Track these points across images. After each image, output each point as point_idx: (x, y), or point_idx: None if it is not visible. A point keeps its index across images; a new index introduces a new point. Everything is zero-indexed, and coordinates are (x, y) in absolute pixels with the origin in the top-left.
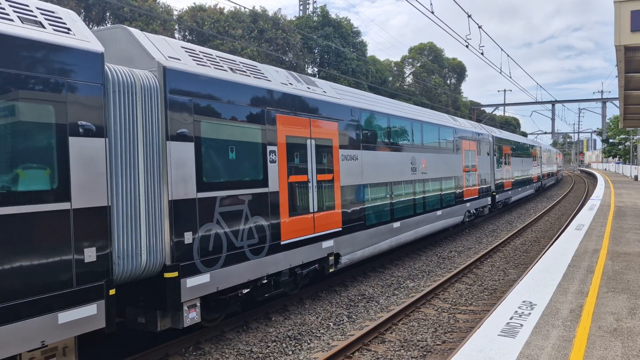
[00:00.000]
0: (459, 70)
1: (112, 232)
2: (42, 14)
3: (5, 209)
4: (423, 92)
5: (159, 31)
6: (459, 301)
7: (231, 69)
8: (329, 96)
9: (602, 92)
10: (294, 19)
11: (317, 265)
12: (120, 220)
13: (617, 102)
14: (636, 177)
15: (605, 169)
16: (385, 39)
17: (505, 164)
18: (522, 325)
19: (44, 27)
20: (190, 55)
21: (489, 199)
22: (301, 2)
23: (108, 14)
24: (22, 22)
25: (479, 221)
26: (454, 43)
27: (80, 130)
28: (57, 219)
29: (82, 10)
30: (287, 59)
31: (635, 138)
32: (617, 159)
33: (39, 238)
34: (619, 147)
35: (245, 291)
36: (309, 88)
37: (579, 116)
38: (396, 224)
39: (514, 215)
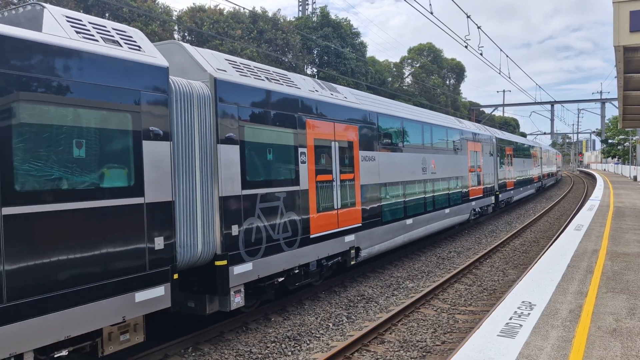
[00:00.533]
0: (458, 71)
1: (175, 224)
2: (117, 34)
3: (93, 203)
4: (422, 92)
5: (158, 32)
6: (458, 302)
7: (267, 79)
8: (350, 101)
9: (601, 92)
10: (293, 20)
11: (340, 257)
12: (181, 214)
13: (616, 103)
14: (635, 178)
15: (605, 170)
16: (385, 39)
17: (508, 164)
18: (521, 325)
19: (120, 45)
20: (233, 67)
21: (493, 198)
22: (300, 3)
23: (107, 15)
24: (105, 42)
25: (479, 221)
26: (453, 43)
27: (151, 134)
28: (134, 212)
29: (81, 10)
30: (286, 60)
31: (634, 138)
32: (616, 159)
33: (120, 227)
34: (618, 147)
35: (280, 279)
36: (332, 94)
37: (578, 117)
38: (409, 221)
39: (513, 215)
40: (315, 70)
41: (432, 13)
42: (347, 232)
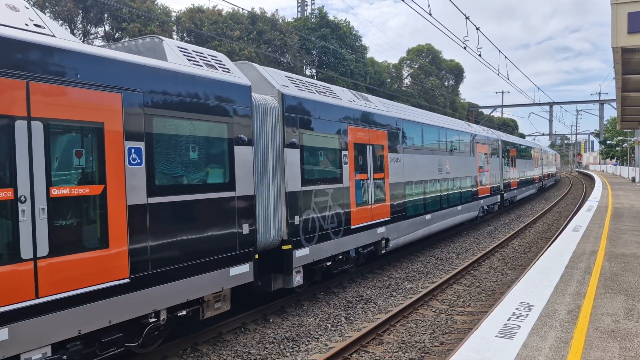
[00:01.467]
0: (457, 72)
1: (256, 213)
2: (212, 59)
3: (201, 195)
4: (421, 93)
5: (156, 32)
6: (457, 302)
7: (317, 92)
8: (380, 109)
9: (599, 93)
10: (292, 20)
11: (373, 247)
12: (259, 205)
13: (614, 104)
14: (634, 179)
15: (603, 171)
16: (383, 40)
17: (512, 165)
18: (519, 326)
19: (216, 69)
20: (291, 82)
21: (499, 197)
22: (299, 4)
23: (106, 15)
24: (207, 67)
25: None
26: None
27: (240, 141)
28: (229, 203)
29: (80, 12)
30: (284, 60)
31: (632, 139)
32: (614, 160)
33: (220, 215)
34: (617, 148)
35: (328, 264)
36: (365, 103)
37: (577, 118)
38: (428, 216)
39: (512, 216)
40: (314, 71)
41: (430, 14)
42: (379, 224)
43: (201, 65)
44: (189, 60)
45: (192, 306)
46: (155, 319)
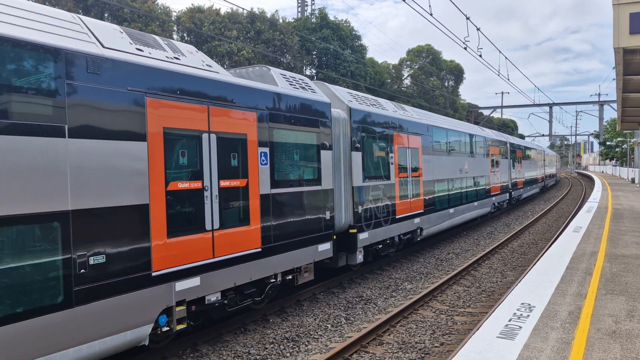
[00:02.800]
0: (457, 73)
1: (334, 203)
2: (301, 81)
3: (300, 189)
4: (421, 94)
5: (157, 32)
6: (457, 303)
7: (370, 104)
8: (415, 118)
9: (599, 94)
10: (292, 21)
11: (410, 235)
12: (336, 197)
13: (614, 105)
14: (633, 180)
15: (603, 172)
16: (383, 40)
17: (518, 166)
18: (520, 327)
19: (306, 90)
20: (353, 97)
21: (507, 195)
22: (299, 4)
23: (107, 15)
24: (301, 89)
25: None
26: (451, 45)
27: (324, 146)
28: (318, 194)
29: (81, 11)
30: (284, 61)
31: (632, 141)
32: (614, 161)
33: (312, 203)
34: (616, 149)
35: (379, 246)
36: (404, 113)
37: (576, 118)
38: (451, 210)
39: (512, 217)
40: (314, 71)
41: (431, 14)
42: (415, 215)
43: (297, 88)
44: (290, 84)
45: (292, 273)
46: (274, 280)
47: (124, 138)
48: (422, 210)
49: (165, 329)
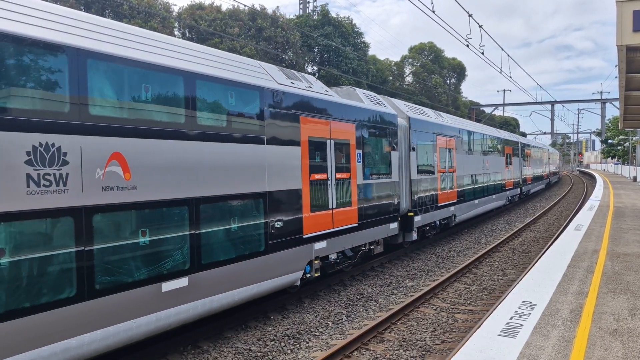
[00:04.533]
0: (459, 70)
1: (399, 192)
2: (374, 97)
3: (379, 180)
4: (423, 91)
5: (157, 29)
6: (458, 301)
7: (419, 113)
8: (450, 122)
9: (601, 92)
10: (293, 18)
11: (447, 220)
12: (400, 187)
13: (616, 103)
14: (635, 178)
15: (604, 170)
16: (385, 38)
17: (527, 164)
18: (522, 325)
19: (380, 104)
20: (408, 107)
21: (519, 189)
22: (301, 1)
23: (107, 11)
24: (375, 104)
25: (482, 219)
26: (453, 42)
27: (393, 147)
28: (390, 185)
29: (82, 7)
30: (286, 57)
31: (634, 139)
32: (616, 159)
33: (387, 192)
34: (618, 147)
35: (427, 228)
36: (442, 119)
37: (578, 117)
38: (476, 201)
39: (513, 215)
40: (315, 68)
41: (434, 11)
42: (451, 204)
43: (375, 103)
44: (370, 100)
45: (372, 245)
46: (363, 248)
47: (290, 144)
48: (456, 200)
49: (307, 275)
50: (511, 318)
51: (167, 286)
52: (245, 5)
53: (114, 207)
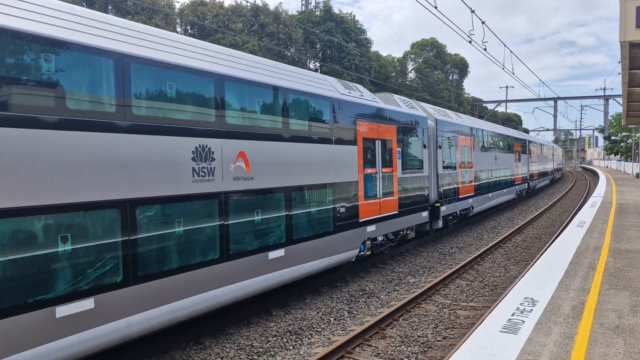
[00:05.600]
0: (462, 67)
1: (429, 184)
2: (409, 102)
3: (414, 174)
4: (425, 87)
5: (160, 25)
6: (460, 297)
7: (444, 115)
8: (468, 123)
9: (604, 89)
10: (296, 14)
11: (465, 211)
12: (430, 180)
13: (619, 100)
14: (638, 175)
15: (607, 167)
16: (388, 34)
17: (534, 160)
18: (523, 321)
19: (412, 108)
20: (434, 110)
21: (526, 184)
22: None
23: (110, 7)
24: (409, 108)
25: (485, 215)
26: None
27: (424, 146)
28: (422, 178)
29: (84, 4)
30: (288, 54)
31: (637, 136)
32: (618, 156)
33: (420, 184)
34: (621, 144)
35: (450, 217)
36: (462, 120)
37: (581, 113)
38: (490, 194)
39: (515, 212)
40: (318, 64)
41: (436, 7)
42: (469, 197)
43: (410, 107)
44: (406, 105)
45: (407, 230)
46: (402, 232)
47: (350, 144)
48: (473, 193)
49: (361, 253)
50: (513, 314)
51: (272, 255)
52: (247, 2)
53: (240, 193)
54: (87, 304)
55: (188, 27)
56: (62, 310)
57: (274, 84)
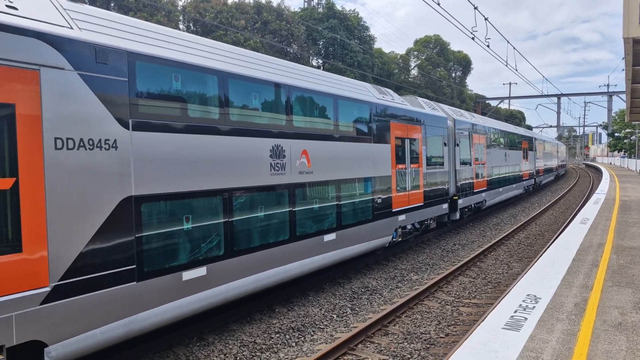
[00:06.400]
0: (465, 63)
1: (449, 178)
2: (431, 104)
3: (436, 169)
4: (428, 84)
5: (163, 22)
6: (463, 294)
7: (461, 115)
8: (481, 122)
9: (608, 85)
10: (298, 11)
11: (479, 204)
12: (449, 175)
13: (623, 96)
14: None
15: (611, 163)
16: (391, 30)
17: (540, 157)
18: (526, 318)
19: (435, 109)
20: (451, 110)
21: (533, 180)
22: None
23: (113, 4)
24: (432, 110)
25: (488, 212)
26: (457, 34)
27: (444, 144)
28: (443, 173)
29: (87, 1)
30: (291, 51)
31: None
32: (622, 153)
33: (442, 178)
34: (625, 141)
35: (466, 210)
36: (475, 119)
37: (585, 110)
38: (500, 189)
39: (518, 208)
40: (320, 61)
41: (439, 4)
42: (482, 191)
43: (432, 109)
44: (429, 107)
45: (430, 220)
46: (426, 222)
47: (385, 142)
48: (486, 188)
49: (393, 240)
50: (515, 311)
51: (326, 238)
52: None
53: (303, 185)
54: (202, 271)
55: (190, 24)
56: (186, 275)
57: (329, 92)
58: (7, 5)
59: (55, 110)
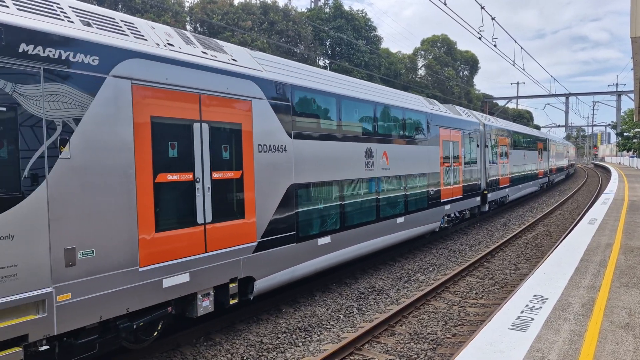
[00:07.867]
0: (472, 63)
1: (479, 175)
2: (465, 110)
3: (471, 167)
4: (435, 84)
5: (170, 23)
6: (470, 294)
7: (489, 120)
8: (504, 125)
9: (617, 84)
10: (305, 11)
11: (502, 199)
12: (480, 172)
13: (632, 95)
14: None
15: (620, 163)
16: (398, 30)
17: (553, 156)
18: (533, 319)
19: (468, 115)
20: (482, 116)
21: (547, 178)
22: None
23: (120, 6)
24: (464, 115)
25: (493, 213)
26: (465, 34)
27: (477, 145)
28: (477, 170)
29: (95, 2)
30: (298, 51)
31: None
32: (631, 152)
33: (474, 175)
34: (634, 140)
35: (493, 203)
36: (499, 123)
37: (593, 109)
38: (520, 186)
39: (526, 208)
40: (327, 61)
41: (445, 4)
42: (505, 187)
43: (467, 116)
44: (464, 114)
45: (466, 211)
46: (463, 212)
47: (435, 144)
48: (509, 184)
49: (441, 225)
50: (522, 312)
51: (398, 220)
52: None
53: (385, 178)
54: (327, 239)
55: (197, 25)
56: (320, 241)
57: (400, 105)
58: (232, 59)
59: (258, 126)
